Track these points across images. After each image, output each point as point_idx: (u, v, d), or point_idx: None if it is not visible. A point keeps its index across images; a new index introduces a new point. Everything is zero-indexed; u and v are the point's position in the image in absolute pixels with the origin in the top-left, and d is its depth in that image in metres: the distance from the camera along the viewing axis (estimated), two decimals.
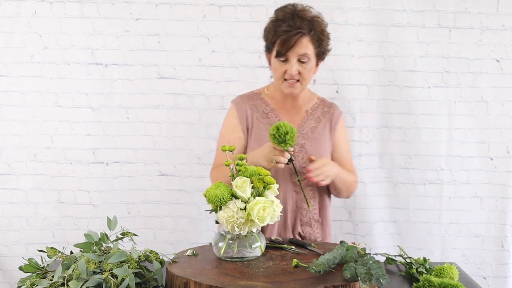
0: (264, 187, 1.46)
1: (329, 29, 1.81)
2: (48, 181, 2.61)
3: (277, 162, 1.64)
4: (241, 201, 1.43)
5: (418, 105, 2.59)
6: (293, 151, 1.71)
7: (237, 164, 1.50)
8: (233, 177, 1.51)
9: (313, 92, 1.96)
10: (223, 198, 1.42)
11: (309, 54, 1.74)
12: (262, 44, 1.85)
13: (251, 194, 1.45)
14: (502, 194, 2.64)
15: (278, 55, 1.73)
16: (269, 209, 1.41)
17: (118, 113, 2.59)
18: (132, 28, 2.54)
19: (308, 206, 1.76)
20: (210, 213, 1.46)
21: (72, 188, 2.63)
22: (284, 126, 1.59)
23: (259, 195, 1.45)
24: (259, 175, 1.45)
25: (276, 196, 1.48)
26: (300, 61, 1.74)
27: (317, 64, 1.83)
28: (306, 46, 1.73)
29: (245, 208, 1.42)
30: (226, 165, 1.52)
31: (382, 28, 2.55)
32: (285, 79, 1.77)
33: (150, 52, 2.56)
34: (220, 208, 1.44)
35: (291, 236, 1.84)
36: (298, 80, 1.77)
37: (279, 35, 1.71)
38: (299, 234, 1.86)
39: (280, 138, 1.59)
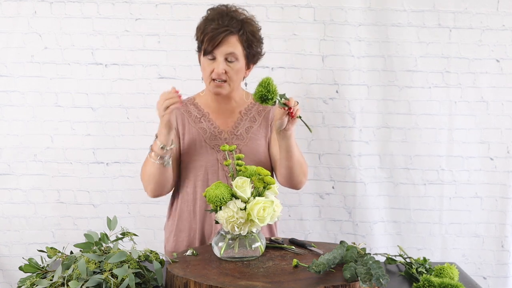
0: (264, 187, 1.46)
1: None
2: (48, 181, 2.61)
3: (167, 106, 1.61)
4: (241, 201, 1.43)
5: (418, 105, 2.59)
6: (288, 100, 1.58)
7: (237, 164, 1.50)
8: (233, 177, 1.51)
9: (248, 92, 1.92)
10: (223, 198, 1.42)
11: (237, 54, 1.72)
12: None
13: (251, 194, 1.45)
14: (502, 194, 2.65)
15: (205, 53, 1.72)
16: (269, 209, 1.42)
17: (118, 113, 2.59)
18: (132, 28, 2.54)
19: (310, 130, 1.63)
20: (210, 213, 1.46)
21: (72, 188, 2.63)
22: (268, 85, 1.51)
23: (259, 195, 1.45)
24: (259, 175, 1.45)
25: None
26: (227, 60, 1.72)
27: (248, 67, 1.81)
28: (233, 45, 1.71)
29: (245, 208, 1.42)
30: (226, 165, 1.52)
31: (382, 28, 2.55)
32: (213, 79, 1.74)
33: (150, 52, 2.56)
34: (220, 208, 1.44)
35: None
36: (225, 81, 1.74)
37: (207, 32, 1.71)
38: None
39: (271, 95, 1.51)
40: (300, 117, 1.60)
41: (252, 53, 1.78)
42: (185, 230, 1.84)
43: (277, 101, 1.53)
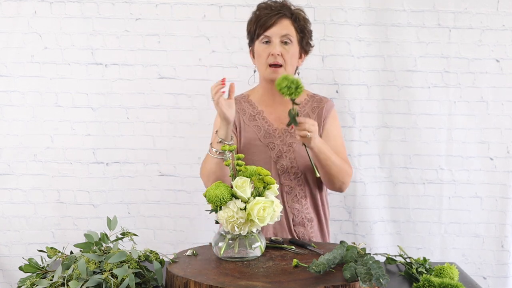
0: (264, 187, 1.46)
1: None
2: (48, 181, 2.61)
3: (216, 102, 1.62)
4: (241, 201, 1.43)
5: (418, 105, 2.59)
6: (298, 106, 1.65)
7: (237, 164, 1.50)
8: (233, 177, 1.51)
9: (305, 89, 1.94)
10: (223, 198, 1.42)
11: (291, 36, 1.77)
12: None
13: (251, 194, 1.45)
14: (502, 194, 2.64)
15: (258, 35, 1.77)
16: (269, 209, 1.42)
17: (118, 113, 2.59)
18: (132, 28, 2.54)
19: (316, 173, 1.69)
20: (210, 213, 1.46)
21: (72, 188, 2.63)
22: (283, 81, 1.57)
23: (259, 195, 1.45)
24: (259, 175, 1.45)
25: None
26: (283, 42, 1.76)
27: (300, 56, 1.85)
28: (287, 27, 1.77)
29: (245, 208, 1.42)
30: (226, 165, 1.52)
31: (382, 28, 2.55)
32: (269, 65, 1.77)
33: (150, 52, 2.56)
34: (220, 208, 1.44)
35: (288, 236, 1.84)
36: (281, 66, 1.77)
37: (261, 18, 1.76)
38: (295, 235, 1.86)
39: (291, 87, 1.58)
40: (309, 158, 1.70)
41: (305, 40, 1.83)
42: None
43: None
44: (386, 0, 2.53)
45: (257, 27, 1.77)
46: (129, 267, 1.31)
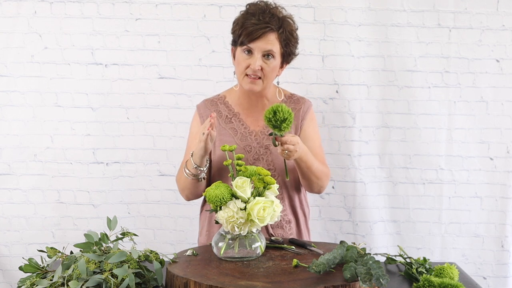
0: (264, 187, 1.46)
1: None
2: (48, 181, 2.61)
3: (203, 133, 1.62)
4: (241, 201, 1.43)
5: (418, 105, 2.59)
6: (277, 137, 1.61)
7: (237, 164, 1.51)
8: (233, 177, 1.51)
9: (283, 89, 1.92)
10: (223, 198, 1.42)
11: (275, 52, 1.73)
12: None
13: (251, 194, 1.45)
14: (502, 194, 2.64)
15: (242, 44, 1.72)
16: (269, 209, 1.42)
17: (118, 113, 2.59)
18: (132, 28, 2.54)
19: (286, 176, 1.69)
20: (210, 213, 1.47)
21: (72, 188, 2.63)
22: (281, 112, 1.52)
23: (259, 195, 1.46)
24: (259, 175, 1.46)
25: None
26: (264, 57, 1.72)
27: (282, 66, 1.81)
28: (272, 42, 1.72)
29: (245, 208, 1.42)
30: (226, 165, 1.52)
31: (382, 28, 2.55)
32: (247, 74, 1.74)
33: (150, 52, 2.56)
34: (220, 208, 1.44)
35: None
36: (259, 78, 1.74)
37: (247, 26, 1.71)
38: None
39: (276, 123, 1.54)
40: (284, 160, 1.66)
41: (288, 52, 1.78)
42: (217, 226, 1.83)
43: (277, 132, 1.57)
44: (386, 0, 2.53)
45: (242, 35, 1.72)
46: (129, 267, 1.31)
